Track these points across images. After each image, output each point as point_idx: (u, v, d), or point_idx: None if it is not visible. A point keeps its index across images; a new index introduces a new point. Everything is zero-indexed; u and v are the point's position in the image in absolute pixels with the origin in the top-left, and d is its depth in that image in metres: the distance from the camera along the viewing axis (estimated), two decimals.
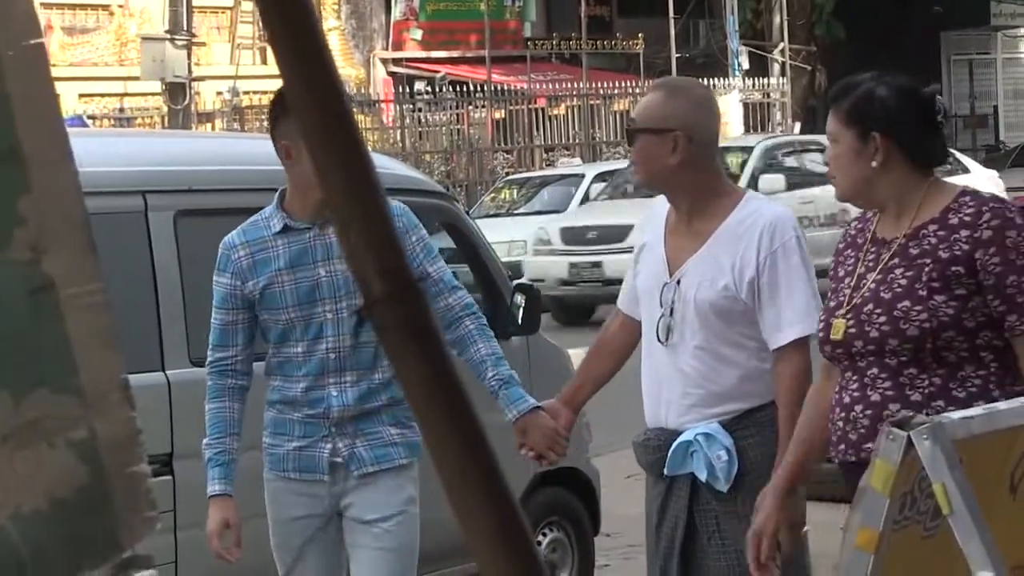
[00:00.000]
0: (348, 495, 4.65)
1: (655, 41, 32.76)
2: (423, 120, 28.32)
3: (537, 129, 29.68)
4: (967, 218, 3.80)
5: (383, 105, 29.83)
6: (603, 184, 22.21)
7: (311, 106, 1.36)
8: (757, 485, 4.17)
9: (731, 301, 4.23)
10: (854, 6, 34.34)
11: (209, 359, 4.74)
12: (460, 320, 4.68)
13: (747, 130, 31.40)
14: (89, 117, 24.89)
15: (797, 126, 33.20)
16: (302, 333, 4.61)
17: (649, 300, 4.38)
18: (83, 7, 31.05)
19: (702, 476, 4.26)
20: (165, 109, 24.02)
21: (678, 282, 4.30)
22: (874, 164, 3.81)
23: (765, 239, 4.21)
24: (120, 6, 30.66)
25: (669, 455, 4.29)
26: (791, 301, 4.19)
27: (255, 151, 7.12)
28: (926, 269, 3.80)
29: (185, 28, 23.05)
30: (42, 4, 28.94)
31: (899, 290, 3.80)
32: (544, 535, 7.09)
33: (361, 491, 4.63)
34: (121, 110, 28.00)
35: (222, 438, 4.64)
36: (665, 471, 4.32)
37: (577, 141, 30.04)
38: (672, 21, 31.62)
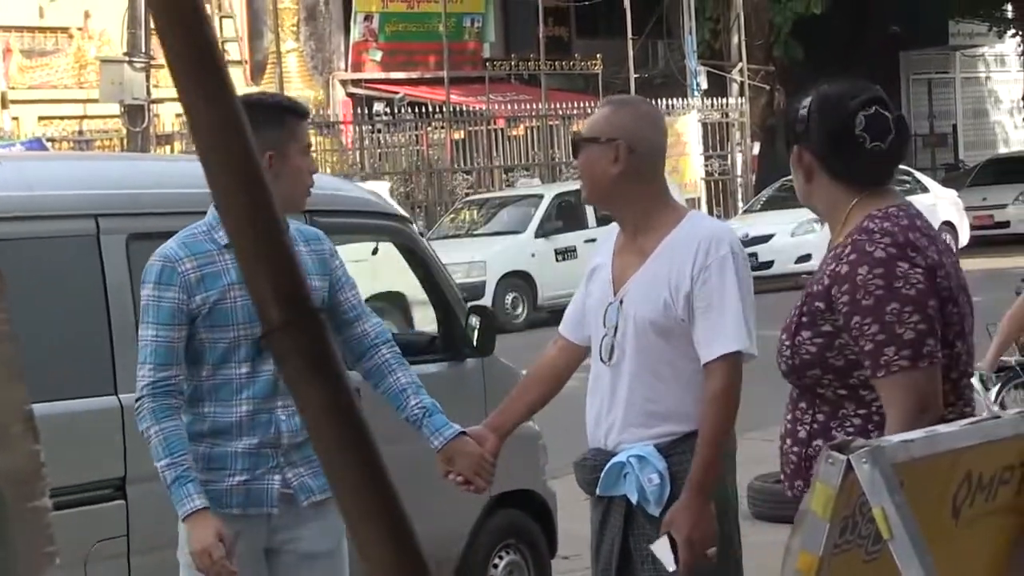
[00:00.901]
0: (291, 528, 4.46)
1: (614, 62, 32.83)
2: (382, 141, 28.27)
3: (496, 150, 29.69)
4: (841, 248, 3.59)
5: (342, 126, 29.78)
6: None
7: (210, 126, 1.31)
8: None
9: (669, 319, 4.18)
10: (812, 26, 34.50)
11: (148, 380, 4.39)
12: (376, 348, 4.58)
13: (706, 149, 31.49)
14: (48, 140, 24.78)
15: (756, 146, 33.32)
16: (247, 353, 4.37)
17: (595, 320, 4.35)
18: (42, 30, 30.92)
19: (634, 499, 4.21)
20: (124, 131, 23.89)
21: (621, 301, 4.27)
22: (801, 177, 3.67)
23: (700, 254, 4.17)
24: (79, 29, 30.55)
25: (602, 476, 4.26)
26: (723, 317, 4.13)
27: None
28: (802, 302, 3.64)
29: (143, 50, 22.94)
30: (1, 27, 28.85)
31: (788, 321, 3.66)
32: (500, 558, 7.05)
33: (307, 523, 4.45)
34: (80, 132, 27.89)
35: (184, 455, 4.32)
36: (597, 491, 4.29)
37: (536, 162, 30.04)
38: (630, 41, 31.67)
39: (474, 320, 6.81)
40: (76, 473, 5.39)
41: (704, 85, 32.88)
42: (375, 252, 11.30)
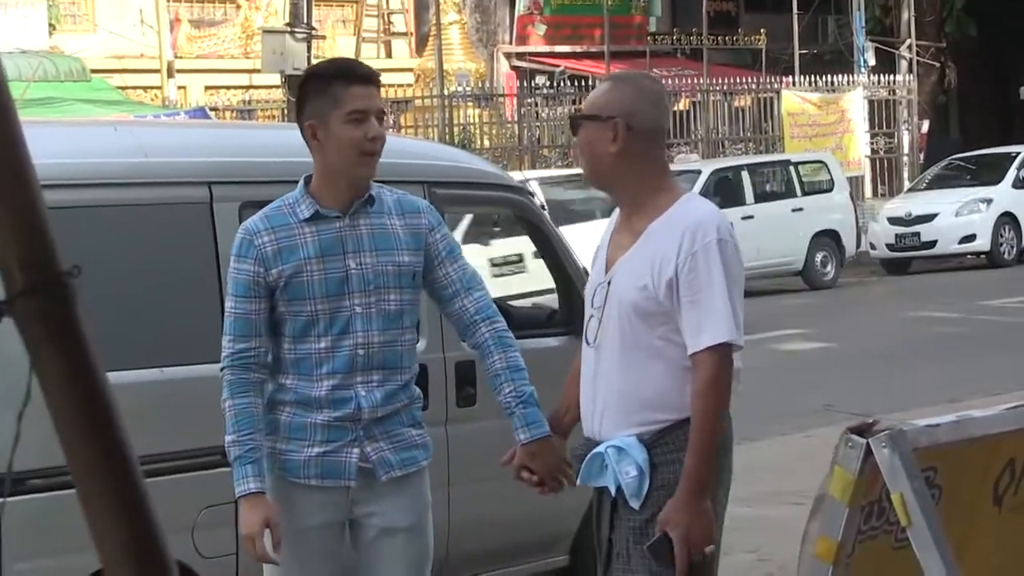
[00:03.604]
0: (371, 502, 4.44)
1: (780, 37, 32.42)
2: (541, 115, 28.27)
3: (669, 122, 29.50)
4: None
5: (505, 99, 29.83)
6: None
7: None
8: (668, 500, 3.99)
9: (650, 302, 4.05)
10: (986, 2, 33.70)
11: (229, 351, 4.41)
12: (475, 326, 4.51)
13: (872, 127, 30.99)
14: (212, 109, 25.14)
15: (925, 124, 32.69)
16: (326, 328, 4.35)
17: (588, 301, 4.25)
18: (210, 0, 31.44)
19: (612, 490, 4.09)
20: (286, 101, 24.20)
21: (609, 283, 4.16)
22: None
23: (687, 240, 4.01)
24: None
25: (583, 466, 4.15)
26: (709, 306, 3.98)
27: None
28: None
29: (305, 21, 23.19)
30: None
31: None
32: None
33: (387, 497, 4.43)
34: (247, 102, 28.28)
35: (251, 434, 4.32)
36: (577, 481, 4.20)
37: (697, 137, 29.82)
38: (796, 17, 31.24)
39: None
40: (186, 439, 5.48)
41: (872, 62, 32.33)
42: (496, 224, 11.31)
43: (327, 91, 4.36)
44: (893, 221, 25.68)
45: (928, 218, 25.43)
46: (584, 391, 4.22)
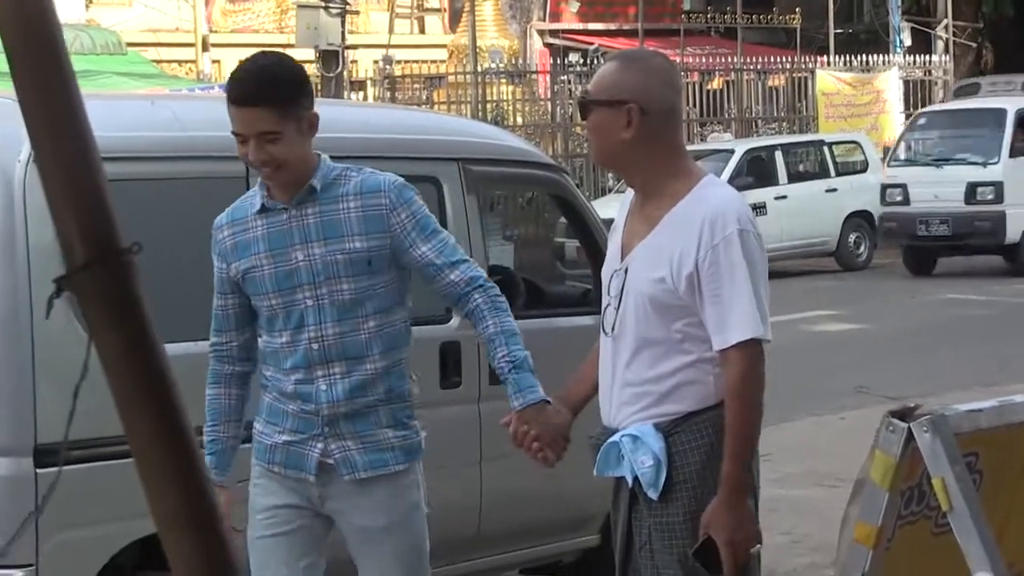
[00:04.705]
0: (337, 499, 4.34)
1: (816, 16, 32.28)
2: (574, 93, 28.22)
3: (690, 103, 29.43)
4: None
5: (538, 76, 29.79)
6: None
7: (18, 39, 1.25)
8: (695, 497, 3.90)
9: (668, 295, 3.90)
10: None
11: (209, 343, 4.47)
12: (467, 295, 4.34)
13: (907, 108, 30.85)
14: None
15: None
16: (284, 322, 4.28)
17: (604, 287, 4.11)
18: None
19: (629, 480, 3.98)
20: (319, 76, 24.21)
21: (625, 270, 4.01)
22: None
23: (706, 232, 3.85)
24: None
25: (598, 456, 4.03)
26: (732, 301, 3.84)
27: (361, 118, 7.19)
28: None
29: None
30: None
31: None
32: None
33: (354, 498, 4.32)
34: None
35: (216, 426, 4.36)
36: (594, 471, 4.06)
37: (731, 116, 29.74)
38: None
39: None
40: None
41: (908, 42, 32.16)
42: (530, 202, 11.30)
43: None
44: None
45: None
46: (602, 380, 4.10)
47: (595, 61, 28.63)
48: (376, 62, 28.21)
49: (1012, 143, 22.12)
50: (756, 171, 23.19)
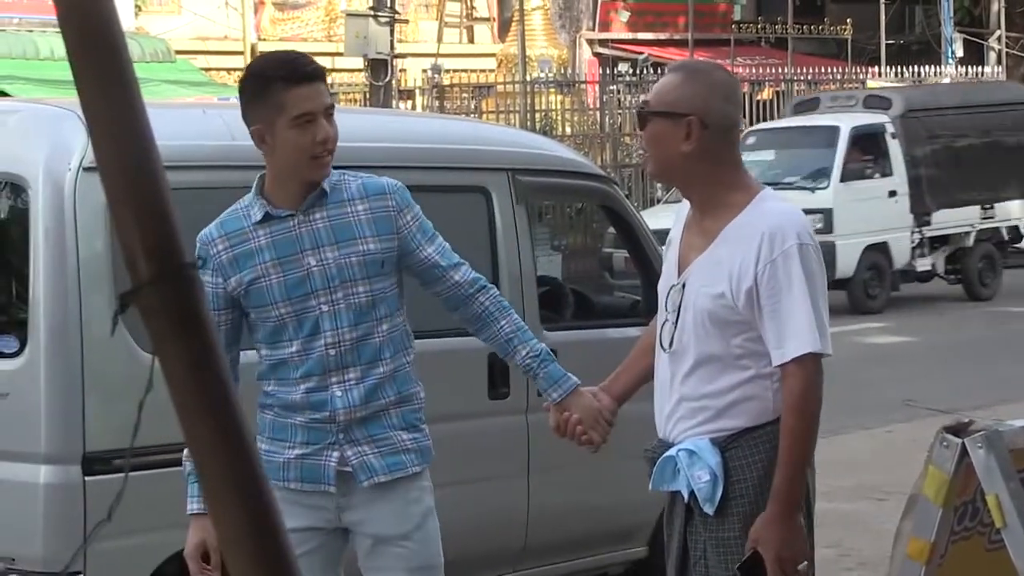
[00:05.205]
0: (356, 509, 4.25)
1: (867, 27, 32.17)
2: (622, 102, 28.18)
3: (741, 113, 29.35)
4: None
5: (587, 86, 29.78)
6: None
7: (81, 44, 1.24)
8: (751, 512, 3.86)
9: (728, 310, 3.88)
10: None
11: None
12: (472, 298, 4.31)
13: None
14: None
15: None
16: (295, 331, 4.18)
17: (661, 302, 4.08)
18: None
19: (685, 495, 3.95)
20: (368, 85, 24.28)
21: (683, 285, 3.99)
22: None
23: (765, 247, 3.83)
24: None
25: (655, 470, 4.00)
26: (791, 315, 3.81)
27: (412, 128, 7.19)
28: None
29: (388, 5, 23.25)
30: None
31: None
32: None
33: (374, 504, 4.23)
34: (330, 86, 28.34)
35: None
36: (650, 486, 4.03)
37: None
38: (883, 7, 30.97)
39: None
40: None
41: (960, 53, 32.02)
42: (579, 212, 11.29)
43: (269, 94, 4.09)
44: None
45: None
46: (659, 395, 4.08)
47: (644, 71, 28.62)
48: (425, 71, 28.27)
49: (844, 165, 19.76)
50: None
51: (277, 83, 4.08)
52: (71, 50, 1.27)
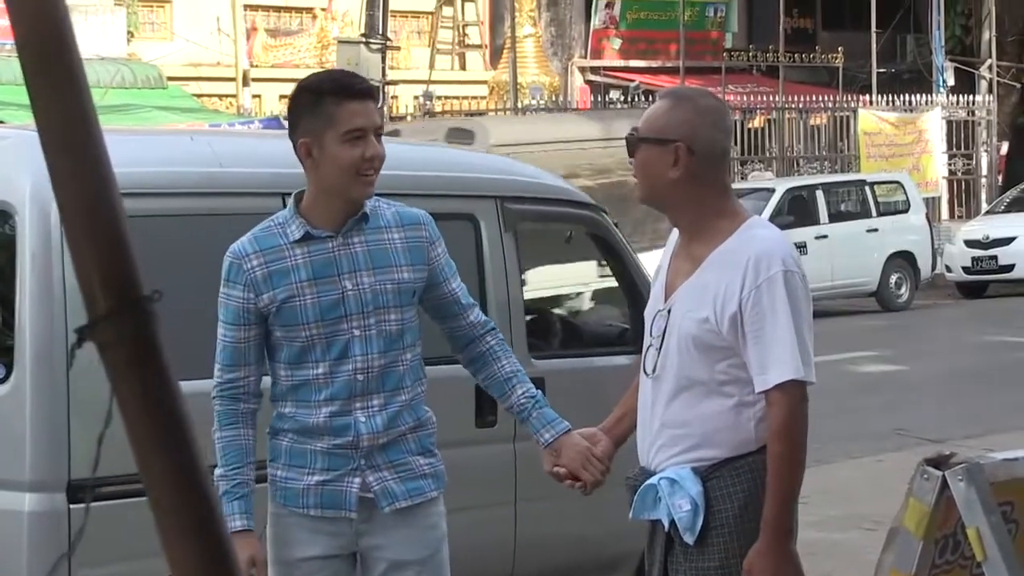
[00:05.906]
0: (375, 534, 4.23)
1: (858, 55, 32.24)
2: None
3: (732, 141, 29.38)
4: None
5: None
6: None
7: (42, 76, 1.23)
8: (731, 543, 3.86)
9: (712, 335, 3.87)
10: None
11: (217, 381, 4.22)
12: (481, 338, 4.37)
13: (950, 148, 30.74)
14: (285, 119, 25.28)
15: (1004, 146, 32.38)
16: (323, 352, 4.15)
17: (647, 328, 4.07)
18: (287, 10, 31.66)
19: (665, 524, 3.93)
20: None
21: (668, 311, 3.98)
22: None
23: (750, 273, 3.83)
24: (323, 9, 31.20)
25: (636, 498, 3.98)
26: (774, 342, 3.80)
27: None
28: None
29: (380, 32, 23.30)
30: (247, 6, 29.62)
31: None
32: None
33: (394, 529, 4.22)
34: None
35: (240, 468, 4.15)
36: (630, 514, 4.02)
37: (772, 155, 29.69)
38: (875, 35, 31.04)
39: None
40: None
41: (951, 82, 32.08)
42: (569, 240, 11.34)
43: (320, 108, 4.09)
44: (970, 244, 25.42)
45: (1006, 241, 25.14)
46: (641, 420, 4.06)
47: (636, 98, 28.67)
48: (416, 98, 28.34)
49: None
50: (797, 210, 23.12)
51: (329, 97, 4.10)
52: (28, 77, 1.26)
